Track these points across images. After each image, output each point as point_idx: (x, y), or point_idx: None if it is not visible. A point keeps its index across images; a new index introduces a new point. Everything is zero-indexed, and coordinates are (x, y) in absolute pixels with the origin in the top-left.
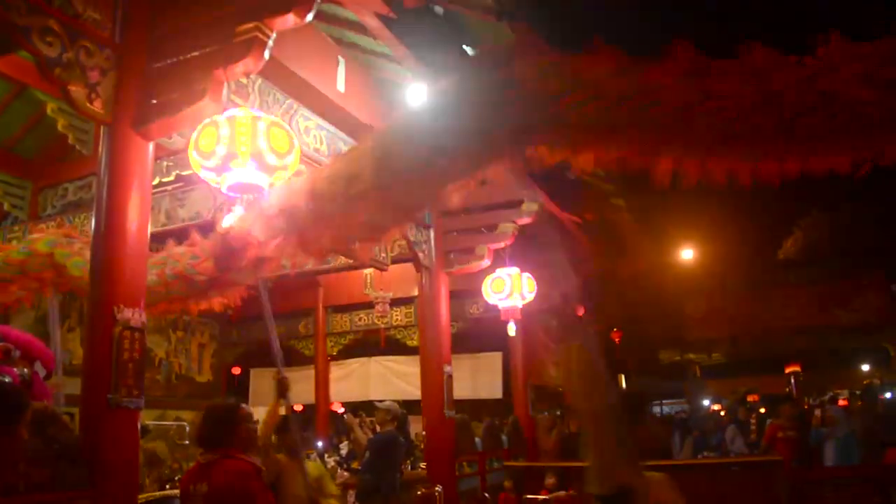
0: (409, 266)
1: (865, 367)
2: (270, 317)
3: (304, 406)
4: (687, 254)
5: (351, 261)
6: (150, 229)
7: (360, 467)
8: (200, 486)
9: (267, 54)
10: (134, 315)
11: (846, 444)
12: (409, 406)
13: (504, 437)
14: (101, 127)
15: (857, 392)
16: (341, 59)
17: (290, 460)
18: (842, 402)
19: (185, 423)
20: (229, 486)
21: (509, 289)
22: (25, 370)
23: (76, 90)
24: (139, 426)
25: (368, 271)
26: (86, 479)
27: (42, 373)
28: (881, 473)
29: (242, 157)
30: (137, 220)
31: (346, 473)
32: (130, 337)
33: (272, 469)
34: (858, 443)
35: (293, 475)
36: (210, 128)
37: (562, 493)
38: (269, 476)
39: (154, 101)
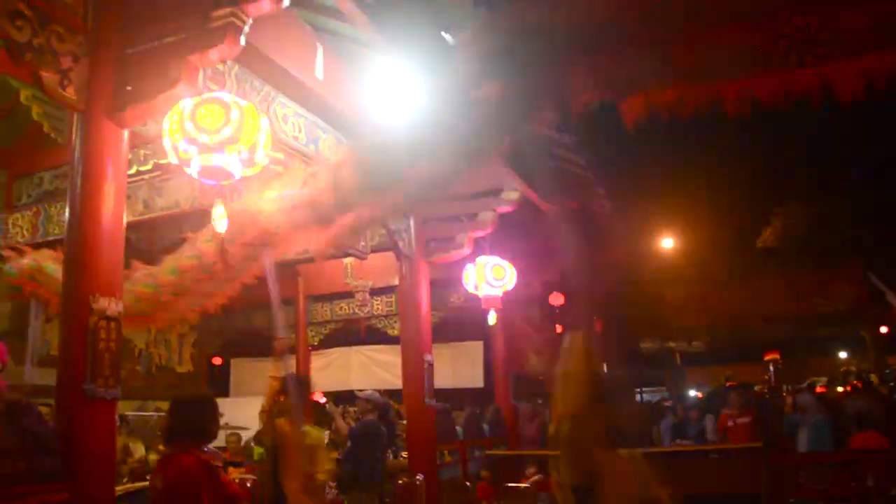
0: (390, 255)
1: (843, 355)
2: (275, 283)
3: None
4: (667, 242)
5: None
6: (126, 218)
7: (340, 457)
8: (156, 481)
9: (243, 40)
10: (110, 304)
11: (818, 431)
12: (393, 395)
13: (485, 426)
14: (75, 114)
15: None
16: (320, 47)
17: (291, 424)
18: (819, 389)
19: (164, 415)
20: (177, 482)
21: (507, 276)
22: None
23: (48, 76)
24: (116, 417)
25: (349, 260)
26: (62, 471)
27: None
28: (856, 458)
29: (181, 145)
30: (112, 208)
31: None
32: (107, 327)
33: (272, 434)
34: (829, 429)
35: (292, 442)
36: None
37: (540, 476)
38: (269, 441)
39: (128, 88)
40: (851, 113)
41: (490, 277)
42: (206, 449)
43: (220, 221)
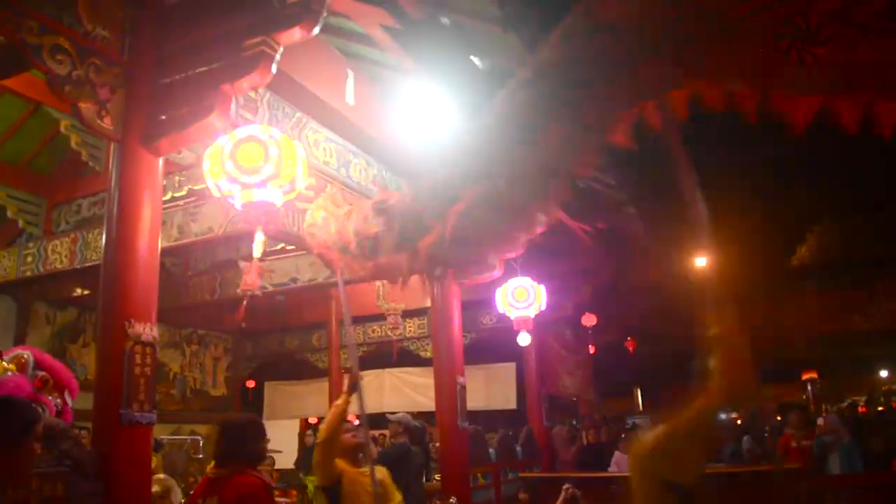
0: (424, 277)
1: (884, 374)
2: (348, 309)
3: (318, 419)
4: (700, 262)
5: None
6: (161, 244)
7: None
8: (210, 501)
9: (274, 68)
10: (145, 329)
11: (849, 453)
12: (427, 418)
13: (518, 448)
14: (112, 144)
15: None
16: (350, 72)
17: (352, 466)
18: (861, 409)
19: (199, 438)
20: (246, 500)
21: (532, 297)
22: (58, 399)
23: (86, 107)
24: (152, 441)
25: (380, 283)
26: (98, 495)
27: (69, 401)
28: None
29: (223, 185)
30: (148, 235)
31: None
32: (142, 352)
33: (330, 475)
34: (860, 451)
35: (357, 483)
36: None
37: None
38: (327, 481)
39: (163, 117)
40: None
41: (522, 299)
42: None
43: (258, 246)
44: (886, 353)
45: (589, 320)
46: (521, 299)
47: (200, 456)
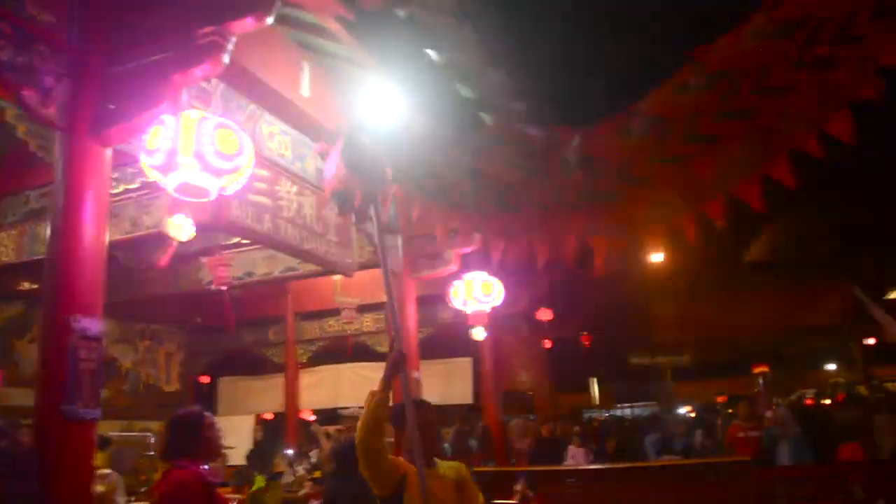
0: (379, 272)
1: (831, 367)
2: (391, 286)
3: (274, 414)
4: (657, 257)
5: (320, 267)
6: (113, 237)
7: (323, 477)
8: (153, 497)
9: (227, 59)
10: (91, 324)
11: (798, 445)
12: None
13: (473, 443)
14: (58, 133)
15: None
16: (306, 64)
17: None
18: (808, 401)
19: (150, 434)
20: (170, 496)
21: (496, 293)
22: None
23: (29, 95)
24: (97, 438)
25: (338, 277)
26: (38, 493)
27: None
28: (840, 470)
29: (184, 155)
30: (94, 227)
31: (310, 483)
32: (87, 346)
33: (387, 480)
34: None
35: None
36: (157, 126)
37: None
38: (384, 489)
39: (112, 107)
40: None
41: (478, 294)
42: (204, 466)
43: (179, 230)
44: (832, 348)
45: (545, 315)
46: (488, 293)
47: (151, 453)
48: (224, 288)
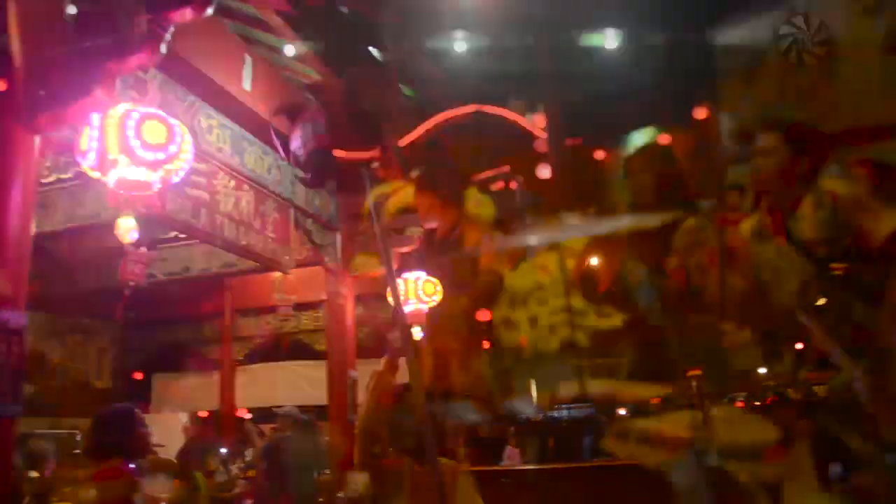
0: (319, 269)
1: (762, 371)
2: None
3: (209, 412)
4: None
5: (258, 264)
6: (42, 227)
7: (254, 475)
8: (82, 497)
9: (164, 49)
10: (14, 316)
11: None
12: (324, 412)
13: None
14: None
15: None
16: (248, 58)
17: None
18: (738, 404)
19: (77, 432)
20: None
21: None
22: None
23: None
24: (17, 436)
25: (277, 275)
26: None
27: None
28: None
29: (113, 153)
30: (19, 217)
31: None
32: (7, 340)
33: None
34: None
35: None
36: (86, 127)
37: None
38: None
39: (42, 93)
40: None
41: (420, 293)
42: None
43: (125, 232)
44: (764, 353)
45: (484, 315)
46: (430, 293)
47: (77, 451)
48: (132, 284)
